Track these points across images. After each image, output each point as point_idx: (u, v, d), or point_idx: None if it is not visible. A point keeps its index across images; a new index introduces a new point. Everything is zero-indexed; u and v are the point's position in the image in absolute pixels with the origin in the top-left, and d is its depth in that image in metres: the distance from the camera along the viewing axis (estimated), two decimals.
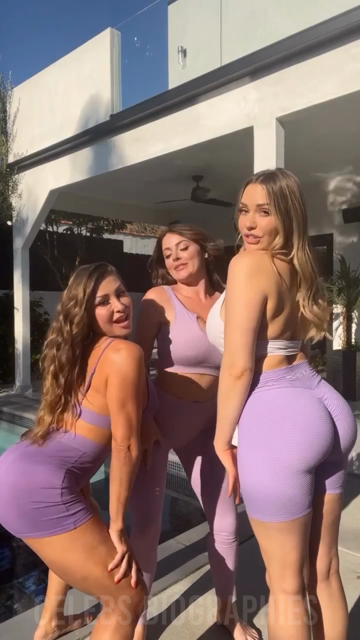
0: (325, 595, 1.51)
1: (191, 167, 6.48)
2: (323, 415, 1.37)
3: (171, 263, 1.88)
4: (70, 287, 1.58)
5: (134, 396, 1.47)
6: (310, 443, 1.33)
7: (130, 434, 1.47)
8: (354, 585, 2.39)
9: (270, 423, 1.35)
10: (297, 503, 1.34)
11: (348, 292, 6.51)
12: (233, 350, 1.36)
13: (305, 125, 4.71)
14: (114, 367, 1.48)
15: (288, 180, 1.42)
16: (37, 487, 1.42)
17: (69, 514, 1.42)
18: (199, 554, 2.59)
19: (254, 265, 1.38)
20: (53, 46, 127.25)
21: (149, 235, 20.01)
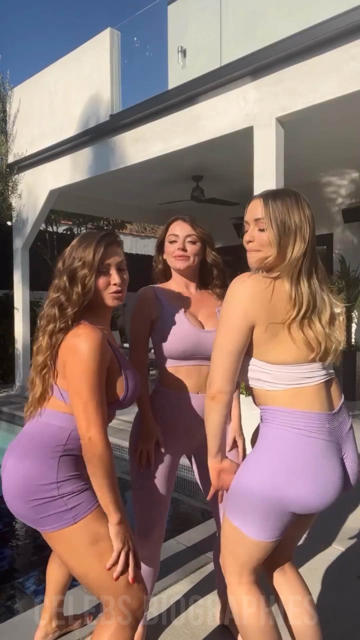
0: (281, 582, 1.58)
1: (191, 167, 6.49)
2: (339, 477, 1.39)
3: (173, 250, 1.86)
4: (75, 247, 1.53)
5: (91, 385, 1.41)
6: (319, 498, 1.36)
7: (88, 426, 1.40)
8: (354, 585, 2.39)
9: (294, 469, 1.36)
10: (277, 531, 1.41)
11: (348, 292, 6.51)
12: (212, 371, 1.42)
13: (305, 125, 4.71)
14: (69, 353, 1.44)
15: (291, 198, 1.41)
16: (34, 484, 1.43)
17: (67, 508, 1.42)
18: (199, 554, 2.59)
19: (248, 290, 1.38)
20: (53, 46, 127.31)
21: (149, 235, 20.00)
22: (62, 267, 1.54)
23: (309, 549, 2.64)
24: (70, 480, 1.45)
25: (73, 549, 1.43)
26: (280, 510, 1.37)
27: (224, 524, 1.50)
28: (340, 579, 2.42)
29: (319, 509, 1.39)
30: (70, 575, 1.92)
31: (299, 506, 1.37)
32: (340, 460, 1.41)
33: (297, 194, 1.44)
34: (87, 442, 1.41)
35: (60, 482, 1.43)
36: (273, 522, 1.39)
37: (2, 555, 3.10)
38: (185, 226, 1.86)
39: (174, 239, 1.86)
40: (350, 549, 2.71)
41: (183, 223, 1.87)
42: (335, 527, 2.92)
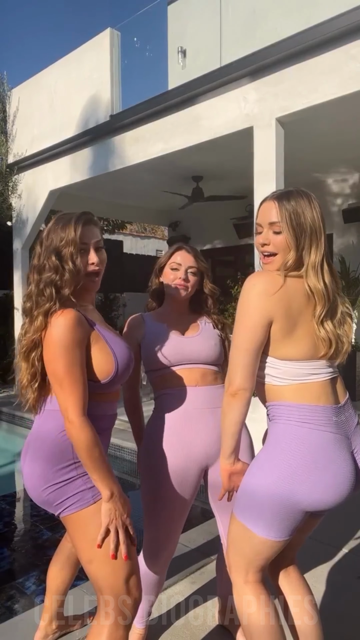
0: (285, 583, 1.57)
1: (191, 168, 6.49)
2: (350, 472, 1.38)
3: (174, 278, 1.89)
4: (53, 228, 1.51)
5: (62, 363, 1.39)
6: (329, 496, 1.36)
7: (66, 407, 1.40)
8: (354, 585, 2.39)
9: (303, 464, 1.35)
10: (287, 531, 1.40)
11: (348, 292, 6.51)
12: (232, 369, 1.40)
13: (305, 125, 4.71)
14: (47, 331, 1.43)
15: (303, 198, 1.43)
16: (50, 472, 1.45)
17: (87, 487, 1.44)
18: (199, 555, 2.59)
19: (263, 287, 1.38)
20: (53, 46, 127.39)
21: (149, 236, 20.00)
22: (42, 248, 1.51)
23: (309, 549, 2.63)
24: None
25: (86, 532, 1.44)
26: (291, 507, 1.36)
27: (232, 522, 1.50)
28: (340, 579, 2.42)
29: (330, 505, 1.37)
30: (72, 576, 1.93)
31: (310, 502, 1.35)
32: (351, 455, 1.40)
33: (309, 194, 1.45)
34: (68, 423, 1.41)
35: (76, 461, 1.44)
36: (283, 521, 1.38)
37: (2, 555, 3.10)
38: (189, 257, 1.91)
39: (177, 267, 1.89)
40: (350, 549, 2.70)
41: (187, 254, 1.92)
42: (336, 527, 2.92)
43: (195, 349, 1.85)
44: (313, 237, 1.40)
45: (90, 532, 1.43)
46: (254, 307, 1.37)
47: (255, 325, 1.37)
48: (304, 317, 1.40)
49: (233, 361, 1.40)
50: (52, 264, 1.47)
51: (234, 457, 1.48)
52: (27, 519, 3.65)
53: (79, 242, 1.48)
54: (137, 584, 1.48)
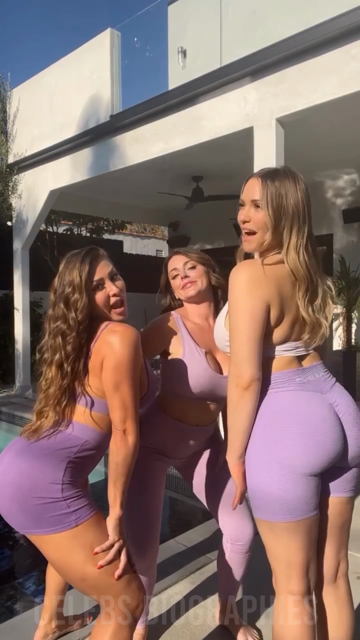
0: (331, 598, 1.50)
1: (191, 168, 6.49)
2: (331, 423, 1.35)
3: (179, 283, 1.86)
4: (62, 273, 1.54)
5: (129, 379, 1.45)
6: (315, 449, 1.32)
7: (125, 417, 1.44)
8: (354, 585, 2.38)
9: (275, 426, 1.35)
10: (302, 504, 1.34)
11: (348, 292, 6.51)
12: (239, 361, 1.36)
13: (305, 125, 4.71)
14: (109, 349, 1.45)
15: (289, 179, 1.40)
16: (38, 482, 1.41)
17: (70, 510, 1.41)
18: (199, 555, 2.59)
19: (253, 275, 1.37)
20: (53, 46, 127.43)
21: (149, 236, 20.00)
22: (55, 296, 1.54)
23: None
24: (72, 484, 1.45)
25: (71, 552, 1.41)
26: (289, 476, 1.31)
27: (258, 526, 1.44)
28: None
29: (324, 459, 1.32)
30: None
31: (300, 462, 1.31)
32: (328, 407, 1.37)
33: (295, 175, 1.43)
34: (122, 433, 1.44)
35: (64, 484, 1.43)
36: (293, 494, 1.32)
37: (2, 555, 3.10)
38: (179, 257, 1.89)
39: (175, 273, 1.88)
40: (350, 549, 2.70)
41: (177, 256, 1.90)
42: (348, 529, 2.92)
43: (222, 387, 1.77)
44: (295, 218, 1.38)
45: (78, 553, 1.40)
46: (252, 295, 1.34)
47: (256, 312, 1.34)
48: (291, 301, 1.40)
49: (239, 354, 1.35)
50: (59, 313, 1.51)
51: (243, 457, 1.42)
52: None
53: (85, 284, 1.50)
54: (138, 585, 1.47)
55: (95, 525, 1.44)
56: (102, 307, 1.54)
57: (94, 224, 10.87)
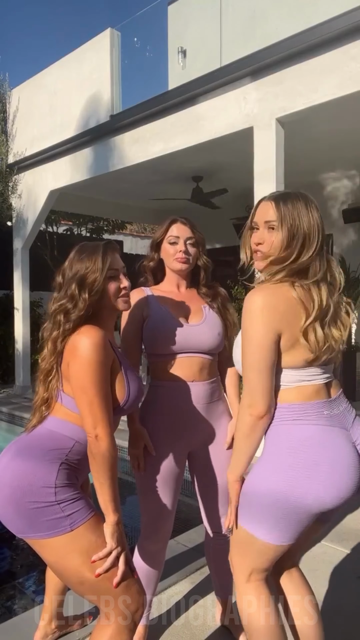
0: (286, 581, 1.57)
1: (191, 168, 6.48)
2: (354, 465, 1.35)
3: (174, 252, 1.87)
4: (77, 258, 1.54)
5: (94, 382, 1.42)
6: (335, 490, 1.33)
7: (95, 423, 1.41)
8: (354, 585, 2.39)
9: (301, 461, 1.34)
10: (292, 536, 1.39)
11: (348, 292, 6.51)
12: (252, 392, 1.37)
13: (305, 125, 4.71)
14: (73, 352, 1.45)
15: (300, 201, 1.41)
16: (31, 485, 1.40)
17: (64, 515, 1.40)
18: (199, 555, 2.59)
19: (265, 301, 1.36)
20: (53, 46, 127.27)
21: (149, 236, 19.98)
22: (64, 278, 1.54)
23: (309, 549, 2.64)
24: (66, 487, 1.44)
25: (68, 557, 1.40)
26: (290, 511, 1.34)
27: (237, 530, 1.48)
28: (340, 579, 2.42)
29: (335, 502, 1.33)
30: None
31: (309, 501, 1.32)
32: (353, 447, 1.38)
33: (307, 197, 1.44)
34: (94, 439, 1.41)
35: (57, 487, 1.42)
36: (288, 525, 1.36)
37: (2, 556, 3.09)
38: (186, 229, 1.88)
39: (175, 240, 1.86)
40: (350, 549, 2.71)
41: (183, 226, 1.88)
42: (335, 527, 2.92)
43: (200, 339, 1.84)
44: (306, 240, 1.39)
45: (74, 557, 1.40)
46: (263, 324, 1.34)
47: (266, 343, 1.34)
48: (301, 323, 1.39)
49: (252, 384, 1.37)
50: (70, 292, 1.51)
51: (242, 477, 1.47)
52: None
53: (107, 269, 1.53)
54: (138, 589, 1.47)
55: (91, 529, 1.42)
56: (111, 295, 1.56)
57: (94, 224, 10.86)
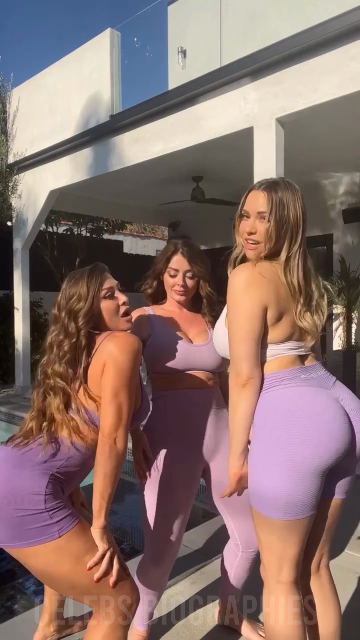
0: (316, 586, 1.54)
1: (191, 168, 6.48)
2: (340, 415, 1.38)
3: (173, 283, 1.91)
4: (66, 288, 1.57)
5: (127, 387, 1.46)
6: (326, 441, 1.34)
7: (118, 426, 1.44)
8: (354, 585, 2.39)
9: (286, 422, 1.36)
10: (304, 504, 1.37)
11: (348, 292, 6.51)
12: (237, 360, 1.41)
13: (305, 125, 4.71)
14: (111, 355, 1.46)
15: (288, 191, 1.46)
16: (20, 493, 1.39)
17: (52, 521, 1.39)
18: (199, 555, 2.59)
19: (251, 277, 1.42)
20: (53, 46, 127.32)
21: (149, 236, 20.00)
22: (58, 310, 1.56)
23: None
24: (54, 495, 1.43)
25: (57, 563, 1.39)
26: (293, 473, 1.33)
27: (253, 517, 1.46)
28: (340, 579, 2.42)
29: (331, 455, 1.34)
30: None
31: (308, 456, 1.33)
32: (335, 401, 1.41)
33: (294, 187, 1.48)
34: (111, 441, 1.43)
35: (47, 495, 1.41)
36: (294, 493, 1.34)
37: (2, 556, 3.09)
38: (184, 262, 1.90)
39: (174, 273, 1.91)
40: (350, 549, 2.70)
41: (182, 259, 1.91)
42: (336, 527, 2.92)
43: (204, 359, 1.85)
44: (293, 230, 1.44)
45: (63, 563, 1.39)
46: (249, 297, 1.40)
47: (253, 314, 1.39)
48: (288, 304, 1.45)
49: (237, 352, 1.41)
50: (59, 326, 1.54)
51: (244, 457, 1.44)
52: None
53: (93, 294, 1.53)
54: (131, 587, 1.47)
55: (79, 533, 1.42)
56: (112, 315, 1.57)
57: (94, 224, 10.86)
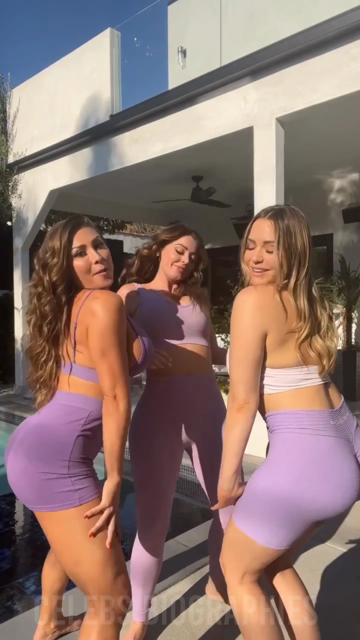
0: (280, 583, 1.57)
1: (191, 168, 6.48)
2: (355, 477, 1.38)
3: (177, 259, 1.93)
4: (45, 240, 1.56)
5: (114, 345, 1.45)
6: (336, 507, 1.36)
7: (114, 384, 1.44)
8: (354, 585, 2.39)
9: (306, 472, 1.36)
10: (289, 541, 1.40)
11: (348, 292, 6.51)
12: (234, 384, 1.42)
13: (305, 125, 4.71)
14: (93, 316, 1.45)
15: (295, 218, 1.46)
16: (46, 457, 1.43)
17: (74, 488, 1.42)
18: (199, 555, 2.59)
19: (256, 302, 1.42)
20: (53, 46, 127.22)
21: (149, 236, 19.99)
22: (37, 261, 1.56)
23: (309, 549, 2.64)
24: (79, 462, 1.47)
25: (71, 532, 1.42)
26: (296, 517, 1.35)
27: (230, 527, 1.49)
28: (340, 579, 2.42)
29: (336, 512, 1.36)
30: (63, 574, 1.90)
31: (315, 509, 1.35)
32: (354, 459, 1.41)
33: (299, 214, 1.49)
34: (112, 399, 1.44)
35: (71, 461, 1.44)
36: (287, 531, 1.37)
37: (2, 555, 3.10)
38: (194, 244, 1.97)
39: (182, 250, 1.94)
40: (350, 549, 2.71)
41: (193, 240, 1.98)
42: (335, 527, 2.92)
43: (193, 317, 1.92)
44: (301, 257, 1.44)
45: (77, 533, 1.42)
46: (249, 323, 1.40)
47: (251, 340, 1.40)
48: (291, 329, 1.44)
49: (234, 376, 1.42)
50: (36, 277, 1.54)
51: (234, 481, 1.45)
52: (27, 519, 3.65)
53: (65, 249, 1.50)
54: (125, 583, 1.49)
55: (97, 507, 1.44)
56: (84, 273, 1.53)
57: None
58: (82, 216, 1.60)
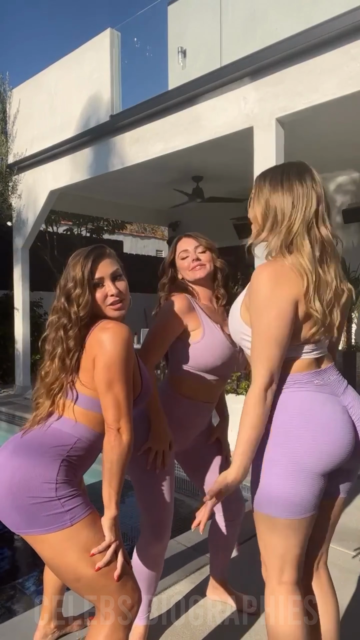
0: (316, 586, 1.56)
1: (191, 168, 6.49)
2: (346, 424, 1.39)
3: (188, 264, 1.93)
4: (68, 267, 1.56)
5: (121, 377, 1.45)
6: (330, 449, 1.36)
7: (119, 417, 1.44)
8: (353, 584, 2.39)
9: (292, 425, 1.37)
10: (307, 504, 1.38)
11: None
12: (262, 363, 1.34)
13: (305, 125, 4.71)
14: (100, 347, 1.45)
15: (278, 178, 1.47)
16: (32, 481, 1.40)
17: (64, 510, 1.40)
18: (199, 555, 2.59)
19: (278, 272, 1.35)
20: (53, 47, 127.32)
21: (149, 236, 20.01)
22: (59, 289, 1.56)
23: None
24: (66, 483, 1.44)
25: (66, 552, 1.40)
26: (300, 472, 1.35)
27: (256, 520, 1.46)
28: (340, 579, 2.42)
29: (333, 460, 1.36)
30: None
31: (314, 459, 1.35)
32: (342, 409, 1.41)
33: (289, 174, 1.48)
34: (115, 432, 1.44)
35: (58, 483, 1.42)
36: (299, 493, 1.36)
37: (2, 555, 3.10)
38: (191, 240, 1.97)
39: (185, 254, 1.95)
40: (350, 549, 2.70)
41: (188, 239, 1.98)
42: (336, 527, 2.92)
43: (235, 357, 1.91)
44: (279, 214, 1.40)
45: (69, 552, 1.40)
46: (278, 295, 1.31)
47: (285, 313, 1.31)
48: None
49: (263, 354, 1.32)
50: (60, 306, 1.53)
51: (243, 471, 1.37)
52: None
53: (87, 280, 1.51)
54: (133, 587, 1.47)
55: (90, 525, 1.43)
56: (99, 304, 1.55)
57: (94, 224, 10.87)
58: (104, 247, 1.61)
